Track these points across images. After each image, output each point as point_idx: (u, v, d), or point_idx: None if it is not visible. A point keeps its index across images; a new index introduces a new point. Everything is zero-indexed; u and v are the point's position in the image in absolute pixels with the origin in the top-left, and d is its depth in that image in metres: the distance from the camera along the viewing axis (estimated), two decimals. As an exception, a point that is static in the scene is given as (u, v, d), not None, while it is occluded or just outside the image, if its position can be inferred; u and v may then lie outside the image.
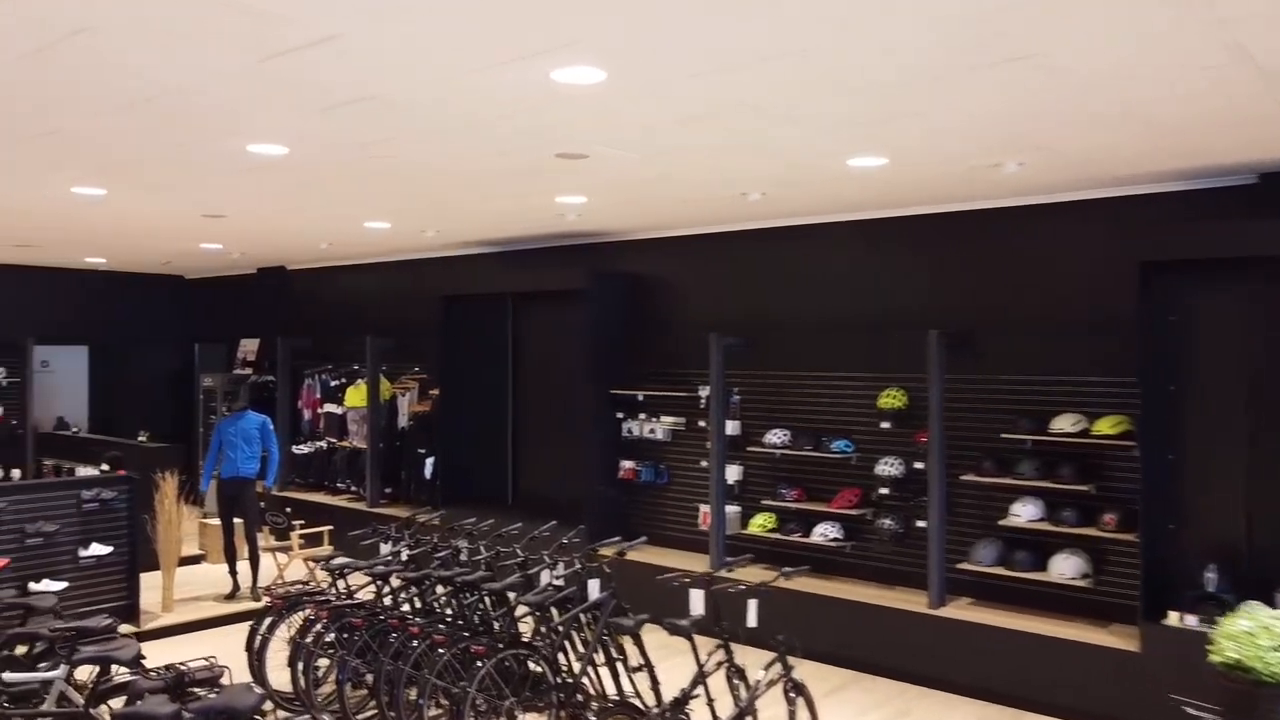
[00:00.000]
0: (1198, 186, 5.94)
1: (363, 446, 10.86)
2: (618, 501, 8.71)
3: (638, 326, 8.75)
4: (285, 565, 8.64)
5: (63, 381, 13.43)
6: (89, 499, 7.24)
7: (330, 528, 9.02)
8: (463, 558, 6.49)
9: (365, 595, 6.35)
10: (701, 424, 8.18)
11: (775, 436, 7.63)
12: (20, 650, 5.12)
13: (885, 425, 7.07)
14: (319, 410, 11.49)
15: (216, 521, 9.61)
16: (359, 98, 4.18)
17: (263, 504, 8.67)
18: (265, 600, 6.26)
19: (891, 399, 7.04)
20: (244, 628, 7.71)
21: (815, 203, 6.91)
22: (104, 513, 7.34)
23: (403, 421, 10.61)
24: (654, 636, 5.68)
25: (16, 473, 12.07)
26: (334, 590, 6.42)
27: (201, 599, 8.29)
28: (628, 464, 8.69)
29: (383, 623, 5.64)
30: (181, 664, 4.31)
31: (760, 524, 7.69)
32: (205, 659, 4.40)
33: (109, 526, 7.37)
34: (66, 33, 3.37)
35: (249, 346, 13.26)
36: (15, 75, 3.87)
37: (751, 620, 5.15)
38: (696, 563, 7.68)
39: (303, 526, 8.84)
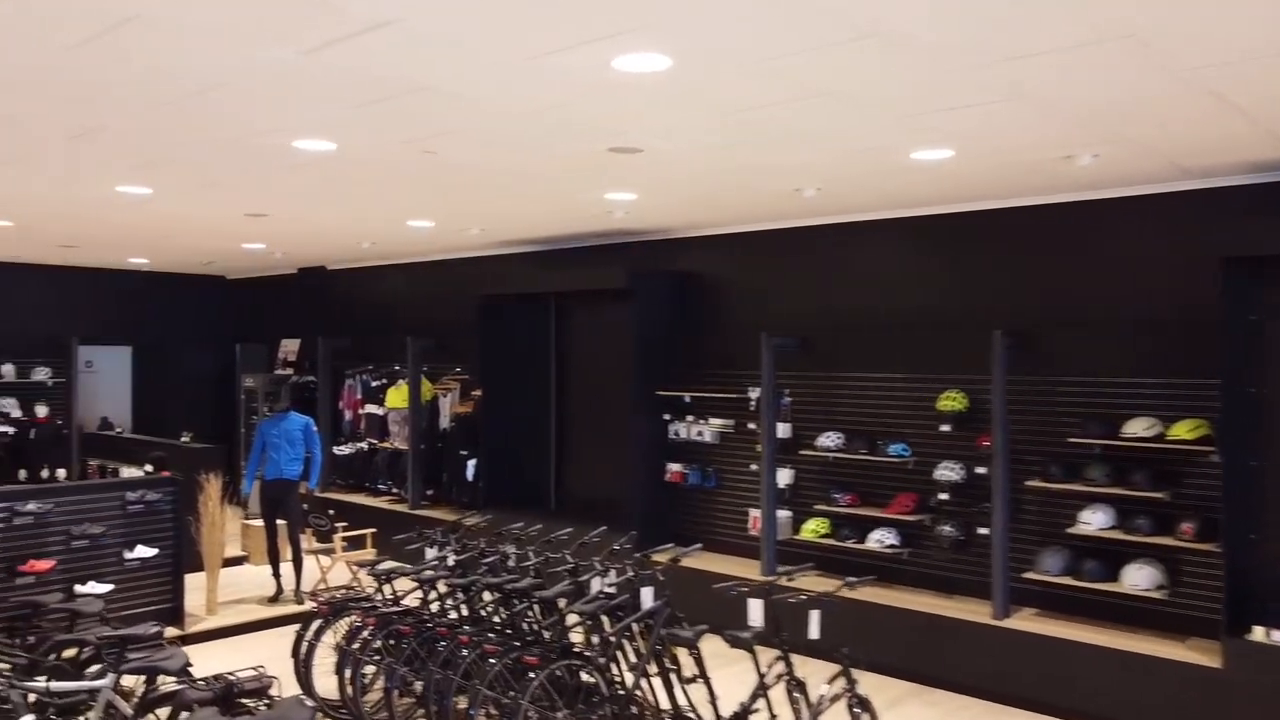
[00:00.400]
0: (1282, 178, 5.65)
1: (404, 448, 10.77)
2: (664, 505, 8.53)
3: (684, 326, 8.56)
4: (328, 568, 8.55)
5: (106, 382, 13.50)
6: (134, 501, 7.18)
7: (373, 530, 8.92)
8: (510, 563, 6.34)
9: (411, 601, 6.21)
10: (751, 426, 7.97)
11: (828, 439, 7.40)
12: (67, 654, 5.05)
13: (945, 428, 6.82)
14: (360, 411, 11.43)
15: (258, 523, 9.59)
16: (411, 89, 4.03)
17: (305, 506, 8.59)
18: (310, 605, 6.14)
19: (951, 401, 6.79)
20: (288, 632, 7.63)
21: (873, 198, 6.68)
22: (149, 514, 7.28)
23: (444, 423, 10.51)
24: (706, 645, 5.48)
25: (62, 472, 12.14)
26: (379, 596, 6.30)
27: (245, 601, 8.22)
28: (674, 467, 8.50)
29: (431, 630, 5.51)
30: (230, 674, 4.19)
31: (813, 529, 7.47)
32: (254, 669, 4.27)
33: (154, 528, 7.31)
34: (115, 23, 3.25)
35: (289, 347, 13.24)
36: (62, 67, 3.76)
37: (814, 632, 4.94)
38: (747, 568, 7.48)
39: (345, 529, 8.75)
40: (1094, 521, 6.08)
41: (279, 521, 8.35)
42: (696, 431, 8.37)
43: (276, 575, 8.29)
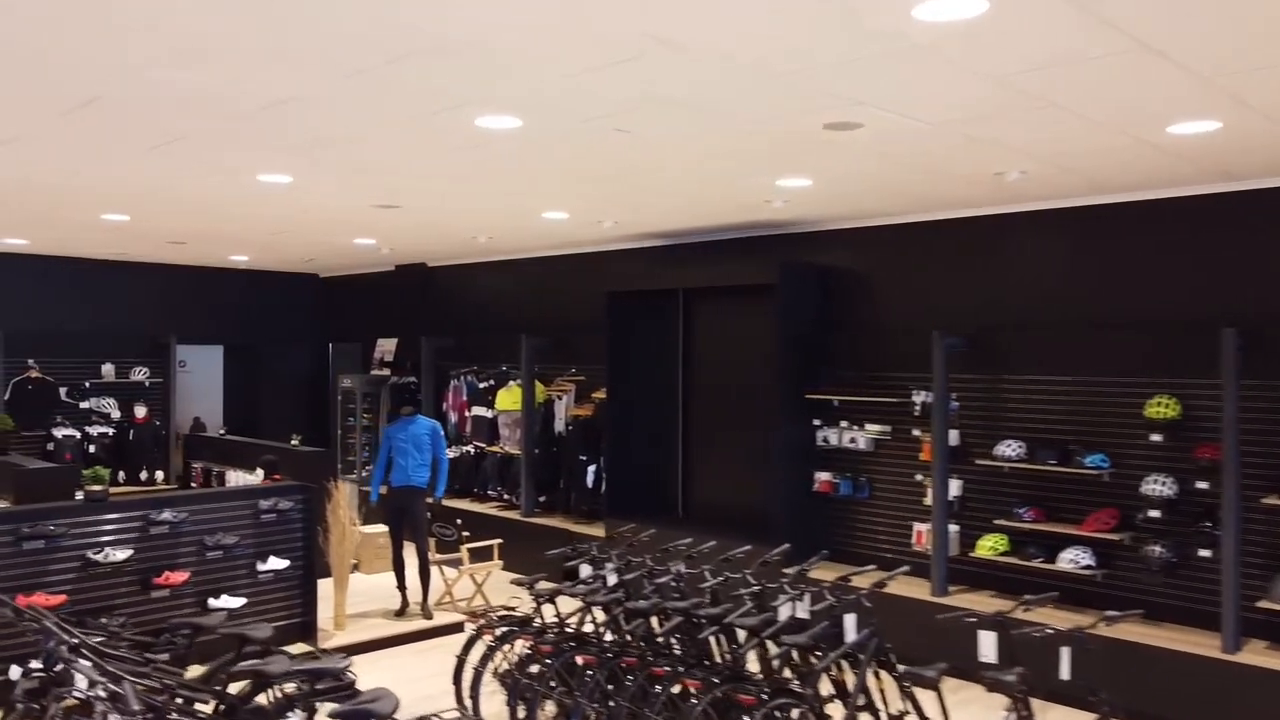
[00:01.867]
0: None
1: (515, 452, 10.32)
2: (813, 517, 7.95)
3: (832, 325, 7.97)
4: (454, 581, 8.10)
5: (198, 382, 13.25)
6: (267, 509, 6.78)
7: (500, 541, 8.45)
8: (665, 580, 5.78)
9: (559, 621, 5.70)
10: (916, 433, 7.35)
11: (1008, 449, 6.76)
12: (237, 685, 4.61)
13: (1155, 438, 6.15)
14: (466, 413, 10.99)
15: (372, 529, 9.19)
16: (636, 52, 3.50)
17: (428, 514, 8.14)
18: (471, 628, 5.66)
19: (1162, 408, 6.11)
20: (423, 649, 7.23)
21: (1078, 183, 6.03)
22: (281, 524, 6.88)
23: (559, 426, 10.02)
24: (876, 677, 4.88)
25: (160, 474, 11.91)
26: (538, 616, 5.81)
27: (369, 615, 7.79)
28: (824, 476, 7.91)
29: (614, 660, 4.99)
30: (434, 716, 3.70)
31: (990, 546, 6.83)
32: (458, 712, 3.78)
33: (286, 538, 6.91)
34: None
35: (386, 346, 12.87)
36: (254, 33, 3.29)
37: (1065, 672, 4.35)
38: (912, 587, 6.87)
39: (468, 539, 8.31)
40: (1347, 545, 5.39)
41: (404, 531, 7.90)
42: (849, 438, 7.77)
43: (401, 588, 7.85)
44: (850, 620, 5.02)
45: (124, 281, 12.09)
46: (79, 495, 7.94)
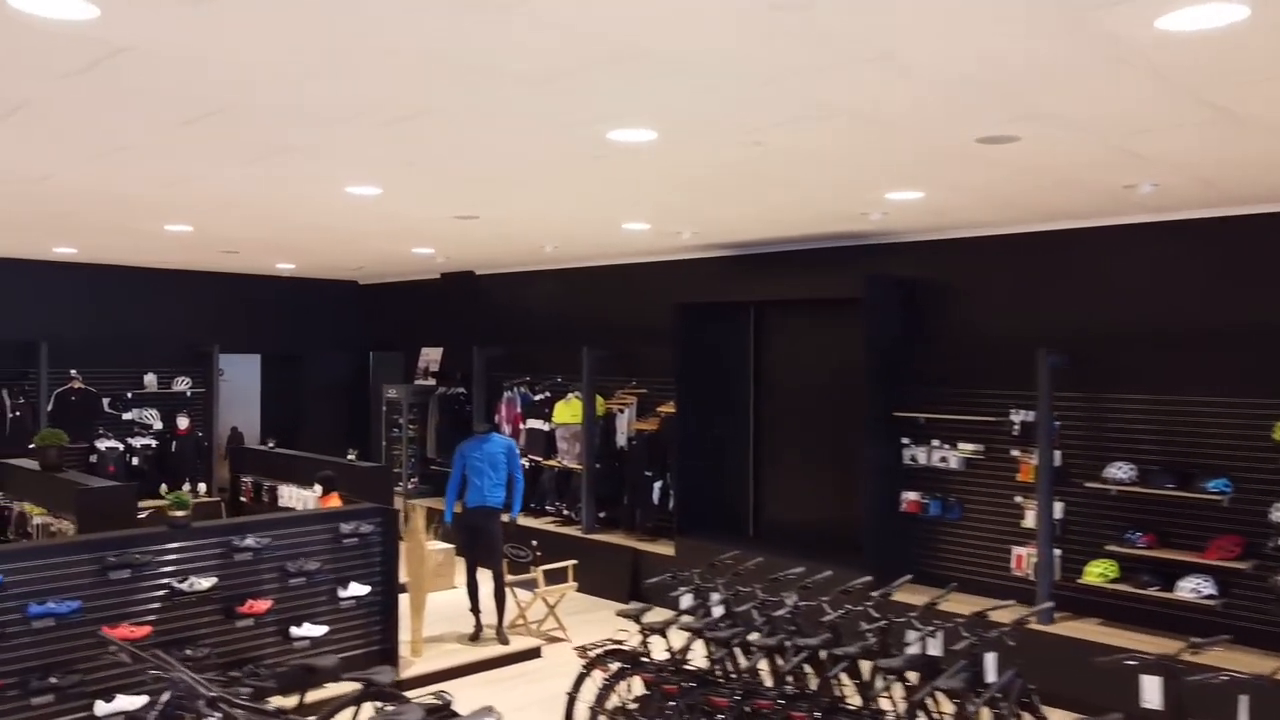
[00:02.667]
0: None
1: (574, 466, 10.06)
2: (899, 538, 7.69)
3: (918, 340, 7.71)
4: (528, 604, 7.84)
5: (236, 391, 13.00)
6: (348, 533, 6.51)
7: (574, 562, 8.18)
8: (781, 614, 5.51)
9: (665, 653, 5.44)
10: (1015, 453, 7.08)
11: (1118, 471, 6.50)
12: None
13: (1286, 462, 5.89)
14: (521, 426, 10.73)
15: (439, 547, 8.94)
16: (855, 55, 3.24)
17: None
18: (583, 661, 5.39)
19: (1292, 431, 5.86)
20: (504, 676, 6.96)
21: (1219, 193, 5.74)
22: (361, 547, 6.61)
23: (621, 440, 9.76)
24: None
25: (203, 487, 11.65)
26: (643, 647, 5.55)
27: (442, 640, 7.52)
28: (911, 495, 7.65)
29: (743, 701, 4.73)
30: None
31: (1100, 573, 6.57)
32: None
33: (365, 563, 6.64)
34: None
35: (431, 355, 12.62)
36: (393, 50, 3.04)
37: (1243, 721, 4.08)
38: (1009, 613, 6.59)
39: (541, 559, 8.04)
40: None
41: (477, 552, 7.63)
42: (939, 457, 7.50)
43: (475, 611, 7.58)
44: (991, 660, 4.76)
45: (165, 289, 11.83)
46: (141, 514, 7.74)
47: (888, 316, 7.67)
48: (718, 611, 5.80)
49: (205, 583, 5.80)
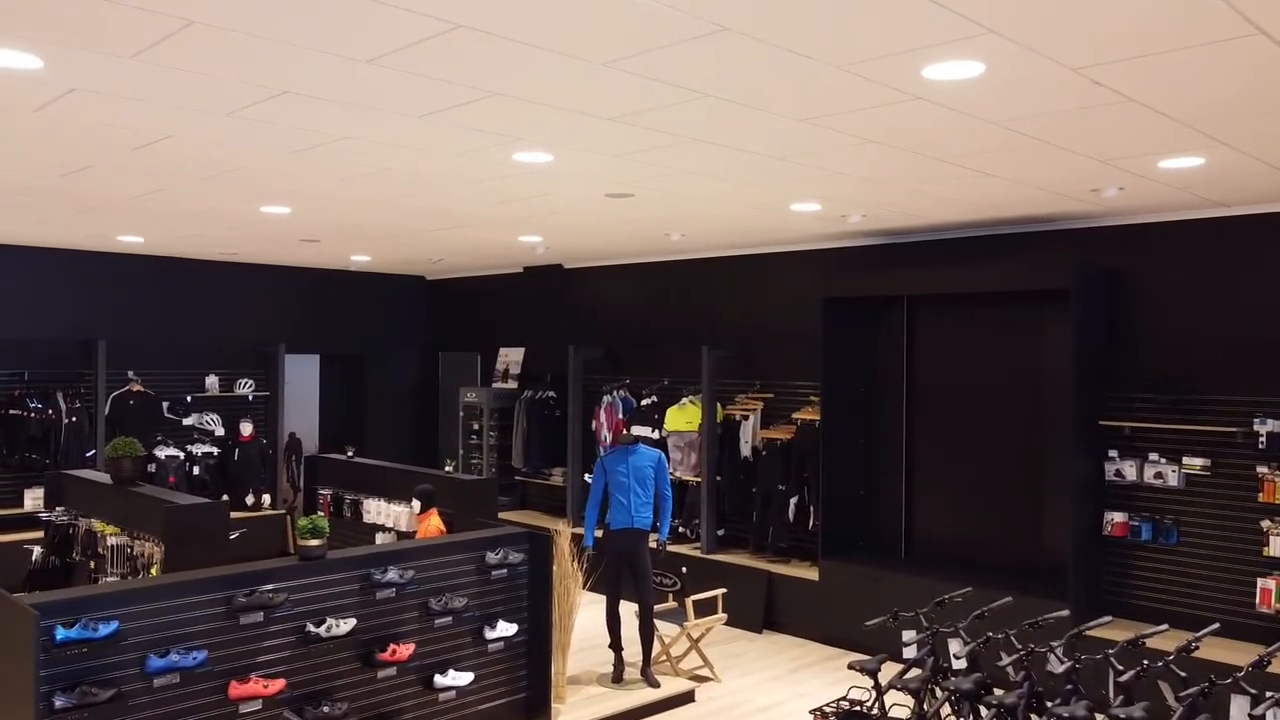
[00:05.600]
0: None
1: (689, 478, 9.09)
2: (1102, 565, 6.71)
3: (1127, 338, 6.73)
4: (672, 640, 6.87)
5: (294, 394, 12.02)
6: (495, 564, 5.55)
7: (723, 591, 7.19)
8: (1072, 674, 4.56)
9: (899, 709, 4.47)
10: (1262, 470, 6.09)
11: (1400, 492, 5.52)
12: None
13: None
14: (623, 434, 9.72)
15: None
16: None
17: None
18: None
19: None
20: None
21: None
22: (509, 579, 5.65)
23: (745, 450, 8.78)
24: None
25: (267, 498, 10.73)
26: (878, 706, 4.59)
27: (579, 681, 6.57)
28: (1117, 517, 6.66)
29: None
30: None
31: (1377, 612, 5.59)
32: None
33: (513, 598, 5.68)
34: None
35: (511, 356, 11.64)
36: None
37: None
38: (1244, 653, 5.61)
39: (681, 588, 7.07)
40: None
41: (622, 580, 6.66)
42: (1154, 473, 6.52)
43: (617, 648, 6.62)
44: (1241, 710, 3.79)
45: (227, 284, 10.90)
46: (233, 534, 6.78)
47: (1093, 311, 6.69)
48: (960, 664, 4.83)
49: (345, 625, 4.84)
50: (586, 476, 9.91)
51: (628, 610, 6.61)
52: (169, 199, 6.36)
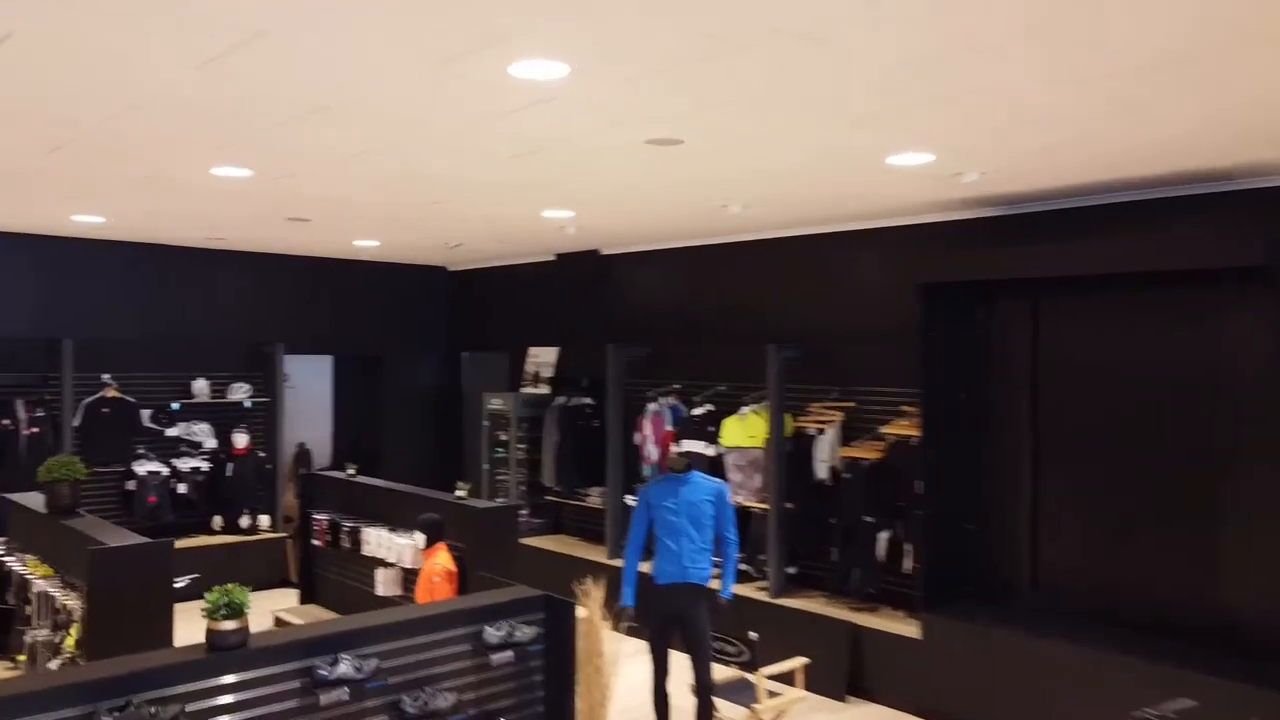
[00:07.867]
0: None
1: (753, 505, 7.52)
2: None
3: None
4: (740, 723, 5.30)
5: (302, 402, 10.67)
6: (496, 643, 4.01)
7: (806, 662, 5.60)
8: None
9: None
10: None
11: None
12: None
13: None
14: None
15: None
16: None
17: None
18: None
19: None
20: None
21: None
22: (518, 662, 4.12)
23: (821, 471, 7.17)
24: None
25: (264, 519, 9.39)
26: None
27: (615, 779, 5.04)
28: (1338, 570, 4.96)
29: None
30: None
31: None
32: None
33: (523, 689, 4.15)
34: None
35: (542, 357, 10.14)
36: None
37: None
38: None
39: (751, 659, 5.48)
40: None
41: (670, 645, 5.11)
42: (1393, 513, 4.81)
43: (664, 733, 5.08)
44: None
45: (220, 275, 9.57)
46: (179, 582, 5.35)
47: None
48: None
49: (270, 749, 3.35)
50: (628, 499, 8.39)
51: (679, 685, 5.05)
52: (81, 157, 4.93)
